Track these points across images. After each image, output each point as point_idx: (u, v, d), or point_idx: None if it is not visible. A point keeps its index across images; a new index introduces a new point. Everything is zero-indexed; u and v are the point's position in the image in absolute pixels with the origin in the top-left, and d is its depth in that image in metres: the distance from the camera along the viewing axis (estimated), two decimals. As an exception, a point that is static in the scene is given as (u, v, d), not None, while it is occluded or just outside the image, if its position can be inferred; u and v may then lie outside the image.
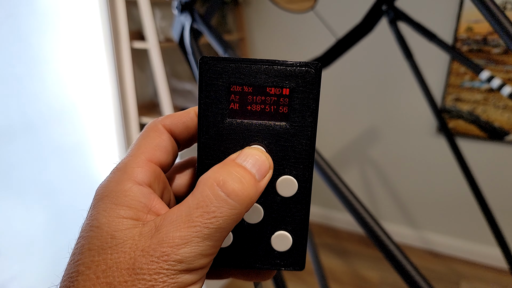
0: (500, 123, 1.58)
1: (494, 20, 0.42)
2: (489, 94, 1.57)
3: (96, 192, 0.20)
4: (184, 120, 0.24)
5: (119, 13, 1.33)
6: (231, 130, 0.22)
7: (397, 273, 0.38)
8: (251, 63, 0.22)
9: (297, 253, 0.24)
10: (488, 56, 1.53)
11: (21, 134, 1.08)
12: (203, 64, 0.22)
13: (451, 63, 1.59)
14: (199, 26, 0.65)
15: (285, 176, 0.23)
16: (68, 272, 0.18)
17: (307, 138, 0.22)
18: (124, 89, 1.41)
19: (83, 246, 0.18)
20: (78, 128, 1.28)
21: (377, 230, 0.40)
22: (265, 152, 0.22)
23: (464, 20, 1.52)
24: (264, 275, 0.26)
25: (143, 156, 0.22)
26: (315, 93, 0.22)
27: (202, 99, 0.22)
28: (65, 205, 1.23)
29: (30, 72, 1.09)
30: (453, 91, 1.63)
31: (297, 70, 0.22)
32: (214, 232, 0.18)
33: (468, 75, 1.58)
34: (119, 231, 0.18)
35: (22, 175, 1.09)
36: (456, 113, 1.65)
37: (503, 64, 1.51)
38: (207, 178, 0.19)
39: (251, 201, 0.20)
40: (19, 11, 1.04)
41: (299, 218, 0.23)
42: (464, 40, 1.55)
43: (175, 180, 0.25)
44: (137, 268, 0.17)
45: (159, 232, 0.18)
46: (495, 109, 1.57)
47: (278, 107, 0.22)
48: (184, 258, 0.18)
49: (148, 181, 0.21)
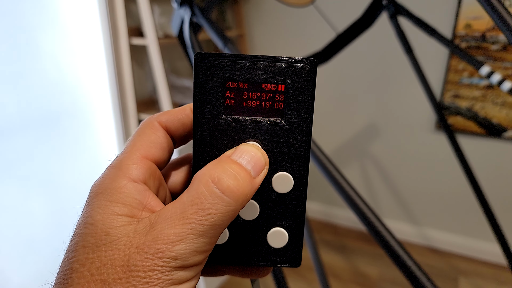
0: (498, 119, 1.58)
1: (496, 14, 0.41)
2: (487, 90, 1.57)
3: (91, 189, 0.20)
4: (180, 117, 0.24)
5: (118, 9, 1.32)
6: (227, 126, 0.22)
7: (399, 269, 0.38)
8: (247, 59, 0.22)
9: (293, 249, 0.24)
10: (486, 53, 1.52)
11: (19, 131, 1.08)
12: (198, 61, 0.22)
13: (449, 59, 1.59)
14: (199, 19, 0.65)
15: (281, 173, 0.23)
16: (62, 270, 0.18)
17: (302, 134, 0.22)
18: (122, 86, 1.41)
19: (77, 243, 0.18)
20: (76, 124, 1.28)
21: (378, 226, 0.40)
22: (261, 148, 0.22)
23: (463, 17, 1.52)
24: (261, 272, 0.26)
25: (138, 153, 0.21)
26: (310, 89, 0.22)
27: (197, 96, 0.22)
28: (65, 202, 1.23)
29: (29, 68, 1.08)
30: (452, 88, 1.63)
31: (292, 66, 0.22)
32: (209, 229, 0.18)
33: (466, 72, 1.58)
34: (113, 228, 0.18)
35: (22, 172, 1.09)
36: (455, 110, 1.65)
37: (502, 60, 1.51)
38: (202, 174, 0.19)
39: (247, 198, 0.20)
40: (19, 8, 1.03)
41: (295, 214, 0.23)
42: (462, 37, 1.54)
43: (171, 177, 0.25)
44: (132, 265, 0.17)
45: (153, 229, 0.18)
46: (494, 106, 1.57)
47: (273, 103, 0.22)
48: (179, 255, 0.18)
49: (143, 178, 0.21)
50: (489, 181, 1.59)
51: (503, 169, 1.64)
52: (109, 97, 1.39)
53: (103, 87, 1.37)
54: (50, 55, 1.15)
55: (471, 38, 1.53)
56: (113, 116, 1.42)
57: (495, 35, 1.49)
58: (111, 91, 1.39)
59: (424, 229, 1.92)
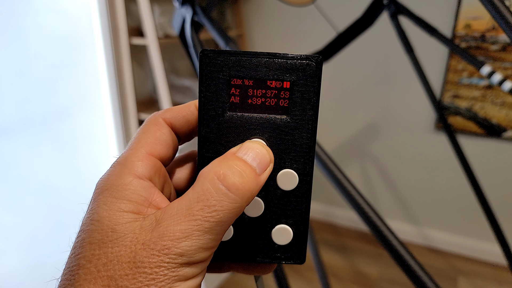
0: (497, 119, 1.58)
1: (497, 13, 0.42)
2: (487, 91, 1.57)
3: (96, 186, 0.20)
4: (185, 114, 0.24)
5: (118, 9, 1.32)
6: (232, 123, 0.22)
7: (401, 269, 0.38)
8: (252, 56, 0.22)
9: (297, 246, 0.24)
10: (486, 53, 1.53)
11: (19, 130, 1.08)
12: (204, 57, 0.22)
13: (449, 60, 1.59)
14: (200, 18, 0.65)
15: (286, 170, 0.23)
16: (69, 266, 0.18)
17: (307, 131, 0.22)
18: (123, 86, 1.41)
19: (83, 239, 0.18)
20: (76, 124, 1.28)
21: (380, 225, 0.40)
22: (266, 145, 0.22)
23: (462, 17, 1.52)
24: (265, 269, 0.26)
25: (143, 150, 0.21)
26: (316, 86, 0.22)
27: (202, 93, 0.22)
28: (64, 201, 1.23)
29: (28, 68, 1.08)
30: (451, 88, 1.63)
31: (298, 63, 0.22)
32: (214, 226, 0.18)
33: (466, 72, 1.58)
34: (119, 224, 0.18)
35: (21, 171, 1.09)
36: (454, 110, 1.65)
37: (501, 61, 1.51)
38: (208, 171, 0.19)
39: (252, 195, 0.20)
40: (17, 8, 1.03)
41: (299, 211, 0.23)
42: (462, 37, 1.55)
43: (176, 174, 0.25)
44: (138, 261, 0.17)
45: (159, 226, 0.18)
46: (493, 106, 1.58)
47: (278, 100, 0.22)
48: (185, 252, 0.18)
49: (148, 174, 0.21)
50: (488, 181, 1.59)
51: (503, 169, 1.64)
52: (109, 96, 1.39)
53: (103, 87, 1.37)
54: (50, 55, 1.15)
55: (471, 38, 1.53)
56: (113, 116, 1.42)
57: (494, 35, 1.49)
58: (111, 91, 1.39)
59: (423, 229, 1.92)
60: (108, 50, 1.34)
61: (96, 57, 1.32)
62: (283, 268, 0.62)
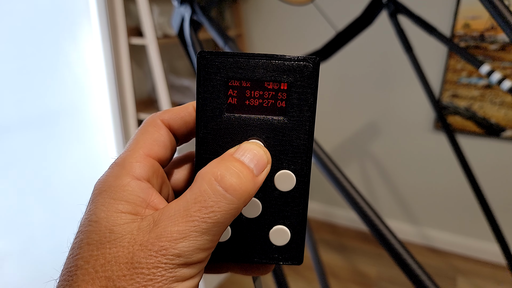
0: (496, 119, 1.59)
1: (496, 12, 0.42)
2: (485, 90, 1.57)
3: (94, 187, 0.20)
4: (183, 115, 0.24)
5: (117, 9, 1.32)
6: (229, 124, 0.22)
7: (400, 269, 0.38)
8: (249, 58, 0.22)
9: (295, 247, 0.24)
10: (485, 53, 1.53)
11: (18, 130, 1.08)
12: (201, 59, 0.22)
13: (448, 59, 1.59)
14: (199, 17, 0.65)
15: (283, 171, 0.23)
16: (67, 266, 0.18)
17: (305, 132, 0.22)
18: (121, 85, 1.41)
19: (82, 240, 0.18)
20: (75, 124, 1.28)
21: (379, 225, 0.40)
22: (263, 146, 0.22)
23: (461, 17, 1.52)
24: (263, 270, 0.26)
25: (141, 151, 0.22)
26: (313, 87, 0.22)
27: (200, 94, 0.22)
28: (64, 201, 1.23)
29: (27, 68, 1.08)
30: (450, 88, 1.63)
31: (295, 64, 0.22)
32: (212, 227, 0.18)
33: (465, 72, 1.58)
34: (117, 225, 0.18)
35: (20, 171, 1.09)
36: (453, 109, 1.65)
37: (500, 60, 1.51)
38: (205, 172, 0.19)
39: (249, 196, 0.20)
40: (16, 8, 1.03)
41: (297, 212, 0.23)
42: (461, 36, 1.55)
43: (174, 175, 0.25)
44: (136, 262, 0.17)
45: (157, 227, 0.18)
46: (492, 106, 1.58)
47: (276, 101, 0.22)
48: (182, 252, 0.18)
49: (146, 175, 0.21)
50: (487, 181, 1.59)
51: (502, 168, 1.64)
52: (108, 96, 1.39)
53: (102, 87, 1.37)
54: (49, 55, 1.15)
55: (470, 37, 1.53)
56: (112, 116, 1.42)
57: (493, 35, 1.49)
58: (110, 91, 1.39)
59: (422, 229, 1.93)
60: (107, 50, 1.34)
61: (95, 57, 1.32)
62: (282, 267, 0.62)
